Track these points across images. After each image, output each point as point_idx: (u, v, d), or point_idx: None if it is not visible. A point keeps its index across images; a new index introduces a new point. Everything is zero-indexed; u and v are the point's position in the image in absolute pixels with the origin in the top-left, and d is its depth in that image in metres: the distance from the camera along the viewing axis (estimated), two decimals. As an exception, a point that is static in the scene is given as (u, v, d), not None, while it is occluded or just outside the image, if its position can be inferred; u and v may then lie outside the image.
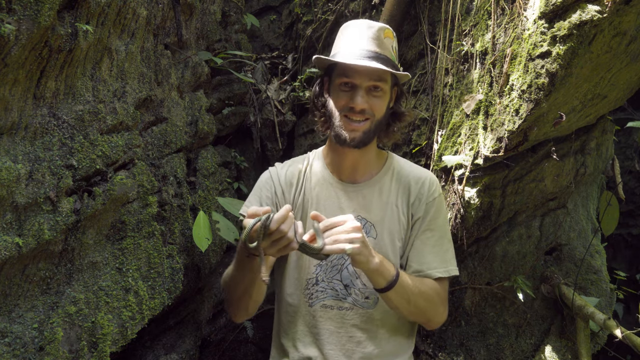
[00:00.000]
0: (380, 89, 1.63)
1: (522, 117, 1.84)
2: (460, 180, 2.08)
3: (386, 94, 1.65)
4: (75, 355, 1.46)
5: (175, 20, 1.99)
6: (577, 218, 2.33)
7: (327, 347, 1.65)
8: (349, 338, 1.65)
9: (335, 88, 1.66)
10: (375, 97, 1.63)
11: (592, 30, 1.63)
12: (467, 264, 2.24)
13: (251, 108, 2.81)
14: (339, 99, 1.64)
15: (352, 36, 1.65)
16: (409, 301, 1.58)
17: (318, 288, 1.68)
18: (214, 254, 2.13)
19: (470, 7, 2.32)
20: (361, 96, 1.60)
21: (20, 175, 1.32)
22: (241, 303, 1.65)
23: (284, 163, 1.86)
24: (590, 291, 2.22)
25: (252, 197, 1.78)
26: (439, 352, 2.26)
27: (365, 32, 1.63)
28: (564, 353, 2.13)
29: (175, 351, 1.98)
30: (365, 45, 1.61)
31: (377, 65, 1.56)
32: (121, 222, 1.67)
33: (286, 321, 1.73)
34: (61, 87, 1.46)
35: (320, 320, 1.66)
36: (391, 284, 1.52)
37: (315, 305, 1.67)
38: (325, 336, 1.65)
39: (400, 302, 1.58)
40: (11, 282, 1.36)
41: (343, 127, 1.63)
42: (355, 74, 1.60)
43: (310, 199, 1.74)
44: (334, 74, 1.68)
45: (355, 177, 1.75)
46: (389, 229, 1.70)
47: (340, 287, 1.67)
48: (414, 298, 1.59)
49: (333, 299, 1.67)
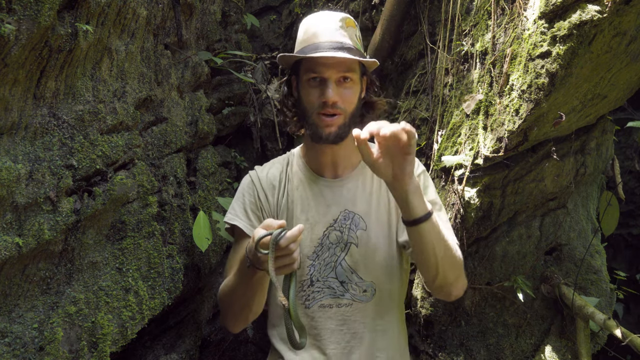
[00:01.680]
0: (350, 79, 1.59)
1: (522, 117, 1.84)
2: (460, 180, 2.08)
3: (356, 84, 1.62)
4: (75, 355, 1.46)
5: (175, 20, 1.99)
6: (577, 218, 2.33)
7: (329, 347, 1.62)
8: (352, 335, 1.63)
9: (304, 85, 1.61)
10: (346, 89, 1.59)
11: (592, 30, 1.63)
12: (467, 264, 2.24)
13: (251, 108, 2.81)
14: (309, 95, 1.59)
15: (314, 29, 1.60)
16: (442, 241, 1.47)
17: (314, 289, 1.65)
18: (214, 254, 2.13)
19: (470, 7, 2.32)
20: (332, 89, 1.55)
21: (20, 175, 1.32)
22: (241, 315, 1.59)
23: (264, 166, 1.82)
24: (590, 291, 2.22)
25: (236, 204, 1.72)
26: (439, 352, 2.26)
27: (328, 24, 1.60)
28: (564, 353, 2.13)
29: (175, 351, 1.98)
30: (329, 37, 1.58)
31: (344, 55, 1.52)
32: (121, 222, 1.67)
33: (281, 327, 1.68)
34: (61, 87, 1.46)
35: (319, 321, 1.64)
36: (427, 215, 1.42)
37: (312, 306, 1.65)
38: (326, 336, 1.63)
39: (436, 239, 1.45)
40: (11, 282, 1.36)
41: (318, 124, 1.59)
42: (323, 68, 1.55)
43: (294, 199, 1.71)
44: (300, 70, 1.63)
45: (337, 171, 1.73)
46: (378, 219, 1.68)
47: (337, 285, 1.65)
48: (445, 244, 1.49)
49: (331, 298, 1.64)
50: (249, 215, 1.69)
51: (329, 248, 1.67)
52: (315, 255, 1.67)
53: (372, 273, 1.66)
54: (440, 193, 2.24)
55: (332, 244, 1.67)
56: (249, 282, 1.44)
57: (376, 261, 1.66)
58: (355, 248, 1.66)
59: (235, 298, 1.55)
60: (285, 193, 1.72)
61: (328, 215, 1.69)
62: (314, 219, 1.68)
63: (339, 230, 1.67)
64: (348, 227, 1.67)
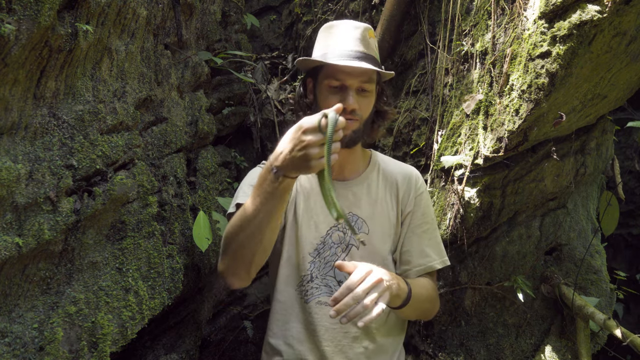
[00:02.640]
0: (368, 90, 1.63)
1: (522, 117, 1.84)
2: (460, 180, 2.08)
3: (373, 94, 1.66)
4: (75, 355, 1.46)
5: (175, 20, 1.99)
6: (577, 218, 2.33)
7: (323, 344, 1.65)
8: (344, 334, 1.65)
9: (323, 89, 1.64)
10: (364, 98, 1.63)
11: (592, 30, 1.63)
12: (467, 264, 2.24)
13: (251, 108, 2.81)
14: (328, 100, 1.62)
15: (339, 37, 1.64)
16: (418, 309, 1.66)
17: (313, 285, 1.68)
18: (214, 254, 2.13)
19: (470, 7, 2.32)
20: (352, 97, 1.59)
21: (20, 175, 1.32)
22: (246, 249, 1.45)
23: None
24: (590, 291, 2.22)
25: (246, 187, 1.67)
26: (439, 352, 2.26)
27: (352, 32, 1.64)
28: (564, 353, 2.13)
29: (175, 351, 1.98)
30: (353, 46, 1.61)
31: (368, 65, 1.57)
32: (121, 222, 1.67)
33: (279, 320, 1.71)
34: (61, 87, 1.46)
35: (315, 317, 1.66)
36: (405, 301, 1.55)
37: (310, 302, 1.67)
38: (321, 333, 1.65)
39: (411, 313, 1.66)
40: (11, 282, 1.36)
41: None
42: (346, 76, 1.60)
43: (300, 197, 1.73)
44: (320, 75, 1.66)
45: (344, 174, 1.75)
46: (380, 224, 1.72)
47: (334, 284, 1.67)
48: (422, 305, 1.66)
49: (327, 296, 1.66)
50: None
51: (331, 247, 1.69)
52: (316, 253, 1.69)
53: None
54: (440, 193, 2.24)
55: (334, 243, 1.69)
56: (270, 197, 1.35)
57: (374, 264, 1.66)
58: (355, 250, 1.69)
59: (245, 223, 1.42)
60: (293, 190, 1.74)
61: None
62: (318, 217, 1.70)
63: (341, 232, 1.70)
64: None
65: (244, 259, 1.47)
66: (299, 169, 1.29)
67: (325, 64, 1.62)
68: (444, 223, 2.15)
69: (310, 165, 1.25)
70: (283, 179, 1.32)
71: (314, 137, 1.25)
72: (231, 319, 2.40)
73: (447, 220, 2.15)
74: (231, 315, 2.41)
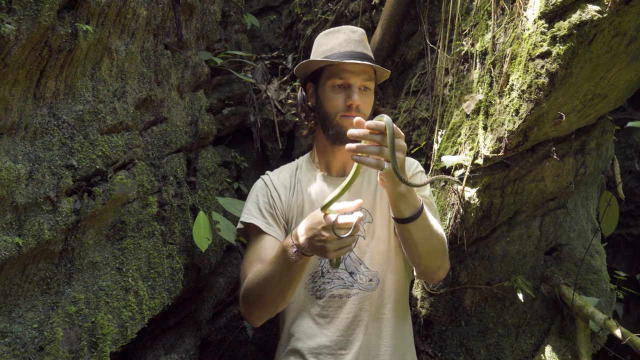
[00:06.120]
0: (369, 88, 1.74)
1: (522, 117, 1.84)
2: (460, 180, 2.08)
3: (372, 93, 1.77)
4: (75, 355, 1.46)
5: (175, 20, 1.99)
6: (577, 218, 2.33)
7: (336, 334, 1.69)
8: (358, 322, 1.70)
9: (327, 90, 1.73)
10: (366, 96, 1.74)
11: (592, 30, 1.63)
12: (467, 264, 2.24)
13: (251, 108, 2.81)
14: (333, 100, 1.72)
15: (340, 40, 1.74)
16: (427, 237, 1.58)
17: (324, 280, 1.73)
18: (214, 254, 2.13)
19: (470, 7, 2.32)
20: (357, 94, 1.69)
21: (20, 175, 1.32)
22: (271, 305, 1.60)
23: (274, 171, 1.93)
24: (590, 291, 2.21)
25: (250, 205, 1.80)
26: (439, 352, 2.26)
27: (351, 35, 1.75)
28: (564, 353, 2.13)
29: (175, 351, 1.98)
30: (354, 48, 1.72)
31: (371, 63, 1.68)
32: (121, 222, 1.67)
33: (291, 319, 1.76)
34: (61, 87, 1.46)
35: (330, 310, 1.71)
36: (415, 214, 1.51)
37: (324, 296, 1.72)
38: (335, 323, 1.70)
39: (420, 237, 1.57)
40: (11, 282, 1.36)
41: (342, 124, 1.71)
42: (350, 75, 1.69)
43: (304, 198, 1.80)
44: (322, 77, 1.75)
45: (345, 171, 1.83)
46: (382, 213, 1.77)
47: (346, 276, 1.72)
48: (431, 233, 1.59)
49: (341, 288, 1.72)
50: (264, 214, 1.77)
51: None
52: None
53: (376, 263, 1.74)
54: (440, 193, 2.24)
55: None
56: (289, 269, 1.49)
57: (380, 251, 1.75)
58: (362, 240, 1.75)
59: (269, 287, 1.56)
60: (296, 193, 1.82)
61: None
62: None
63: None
64: None
65: (268, 311, 1.63)
66: (317, 254, 1.44)
67: (331, 63, 1.71)
68: (444, 223, 2.15)
69: (327, 255, 1.41)
70: (302, 255, 1.46)
71: (331, 236, 1.37)
72: (231, 319, 2.40)
73: (447, 220, 2.15)
74: (231, 315, 2.41)
